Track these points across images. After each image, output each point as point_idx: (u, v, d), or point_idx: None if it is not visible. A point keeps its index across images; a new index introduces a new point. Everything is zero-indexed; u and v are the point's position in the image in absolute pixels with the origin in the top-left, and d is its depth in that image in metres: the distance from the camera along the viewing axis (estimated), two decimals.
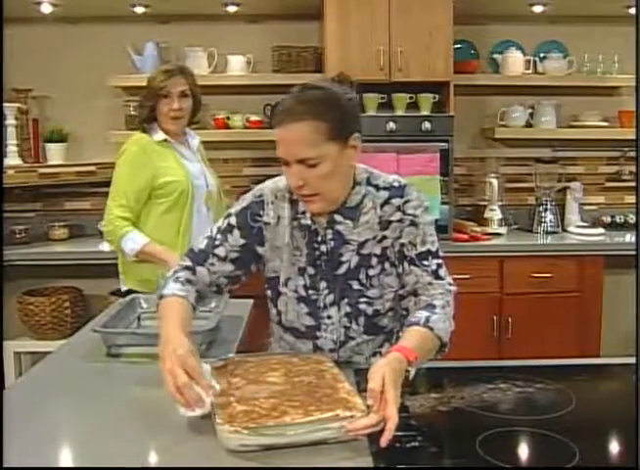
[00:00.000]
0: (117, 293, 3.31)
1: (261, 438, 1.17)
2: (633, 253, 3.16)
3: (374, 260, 1.59)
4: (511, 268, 3.31)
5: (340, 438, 1.19)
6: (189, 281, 1.59)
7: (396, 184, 1.60)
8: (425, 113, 3.49)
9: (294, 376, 1.39)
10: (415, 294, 1.57)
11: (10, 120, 3.41)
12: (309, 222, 1.59)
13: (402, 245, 1.58)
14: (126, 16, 3.54)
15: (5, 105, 3.37)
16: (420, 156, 3.32)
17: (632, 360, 1.59)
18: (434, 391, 1.45)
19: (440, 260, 1.59)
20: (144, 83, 2.63)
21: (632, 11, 3.41)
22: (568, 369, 1.64)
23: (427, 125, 3.34)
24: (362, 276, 1.59)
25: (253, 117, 3.59)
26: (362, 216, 1.58)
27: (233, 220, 1.63)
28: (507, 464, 1.16)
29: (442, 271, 1.58)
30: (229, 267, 1.62)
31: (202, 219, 2.61)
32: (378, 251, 1.59)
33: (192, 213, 2.59)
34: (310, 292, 1.61)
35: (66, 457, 1.23)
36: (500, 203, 3.62)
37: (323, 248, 1.60)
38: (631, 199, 3.86)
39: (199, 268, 1.61)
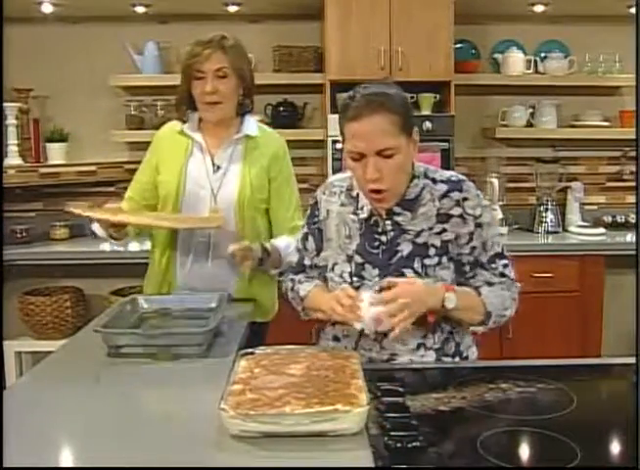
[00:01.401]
0: (118, 292, 3.32)
1: (260, 425, 1.20)
2: (634, 252, 3.15)
3: (432, 251, 1.63)
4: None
5: (339, 431, 1.21)
6: (308, 276, 1.82)
7: (454, 178, 1.67)
8: (425, 112, 3.49)
9: (314, 369, 1.42)
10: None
11: (11, 120, 3.42)
12: (366, 215, 1.67)
13: (474, 248, 1.65)
14: (127, 15, 3.54)
15: (6, 105, 3.38)
16: (421, 155, 3.27)
17: (633, 360, 1.59)
18: (436, 391, 1.44)
19: (506, 260, 1.69)
20: (145, 83, 2.54)
21: (633, 10, 3.41)
22: (569, 369, 1.63)
23: (427, 125, 3.34)
24: (417, 265, 1.63)
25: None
26: (420, 208, 1.64)
27: (305, 228, 1.82)
28: (508, 464, 1.15)
29: (508, 270, 1.69)
30: (317, 272, 1.79)
31: (193, 240, 2.14)
32: (437, 242, 1.63)
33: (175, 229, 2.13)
34: (354, 279, 1.67)
35: (66, 457, 1.23)
36: (501, 202, 3.62)
37: (383, 238, 1.66)
38: (632, 199, 3.86)
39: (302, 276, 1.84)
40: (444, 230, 1.63)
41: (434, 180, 1.67)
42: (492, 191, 3.61)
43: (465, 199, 1.63)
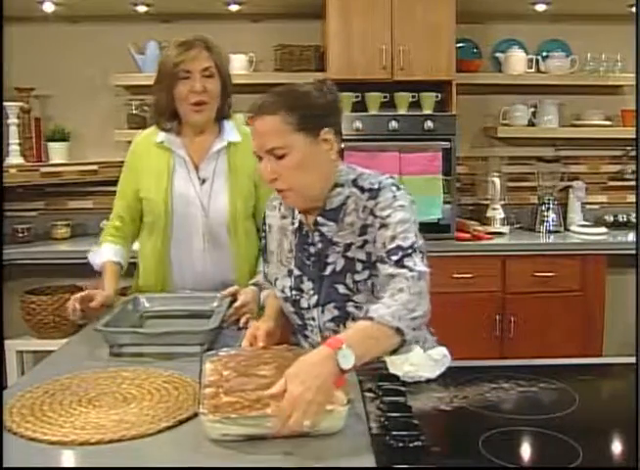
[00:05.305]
0: (119, 292, 3.31)
1: (241, 428, 1.19)
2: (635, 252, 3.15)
3: (359, 266, 1.58)
4: (513, 267, 3.30)
5: (322, 430, 1.20)
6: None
7: (376, 186, 1.56)
8: (427, 112, 3.49)
9: (285, 370, 1.37)
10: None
11: (12, 119, 3.42)
12: (297, 225, 1.66)
13: (376, 248, 1.54)
14: (128, 15, 3.54)
15: (7, 104, 3.38)
16: (422, 155, 3.32)
17: (635, 360, 1.58)
18: (437, 390, 1.44)
19: (410, 251, 1.47)
20: (146, 82, 2.49)
21: (634, 9, 3.40)
22: (571, 369, 1.63)
23: (429, 124, 3.34)
24: (349, 281, 1.58)
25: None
26: (346, 217, 1.59)
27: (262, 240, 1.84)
28: (510, 464, 1.15)
29: (408, 260, 1.45)
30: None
31: (194, 256, 2.10)
32: (363, 256, 1.57)
33: (168, 245, 2.11)
34: (294, 293, 1.66)
35: (66, 457, 1.22)
36: (502, 202, 3.62)
37: (312, 249, 1.63)
38: (634, 198, 3.85)
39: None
40: (366, 242, 1.56)
41: (361, 189, 1.57)
42: (494, 190, 3.61)
43: (376, 204, 1.54)
